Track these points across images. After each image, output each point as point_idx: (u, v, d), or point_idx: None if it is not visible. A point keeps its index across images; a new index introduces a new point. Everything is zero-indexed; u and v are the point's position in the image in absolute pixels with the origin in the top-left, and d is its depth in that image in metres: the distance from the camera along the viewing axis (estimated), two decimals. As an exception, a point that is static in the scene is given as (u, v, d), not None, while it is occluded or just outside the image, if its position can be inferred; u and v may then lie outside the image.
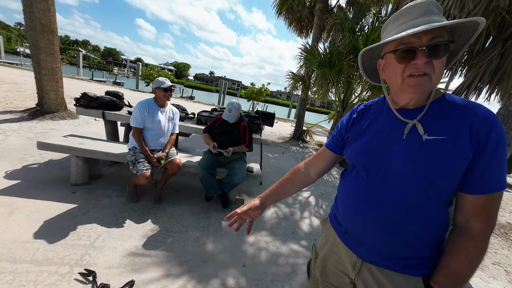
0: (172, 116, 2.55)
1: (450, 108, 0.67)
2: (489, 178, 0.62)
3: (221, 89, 20.61)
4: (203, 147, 4.83)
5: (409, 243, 0.71)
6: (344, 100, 5.70)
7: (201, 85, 69.93)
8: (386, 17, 5.04)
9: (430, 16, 0.62)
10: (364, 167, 0.78)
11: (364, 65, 0.84)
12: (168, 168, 2.39)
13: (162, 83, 2.34)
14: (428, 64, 0.61)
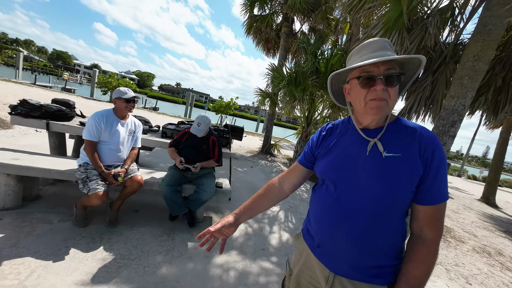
0: (134, 129, 2.35)
1: (403, 129, 0.78)
2: (436, 190, 0.72)
3: (188, 101, 20.08)
4: (168, 162, 4.54)
5: (376, 253, 0.77)
6: (308, 116, 6.10)
7: (166, 96, 67.23)
8: (342, 45, 5.71)
9: (385, 51, 0.75)
10: (333, 181, 0.84)
11: (332, 87, 0.93)
12: (127, 185, 2.15)
13: (123, 93, 2.16)
14: (385, 91, 0.71)
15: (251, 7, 7.23)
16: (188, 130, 2.54)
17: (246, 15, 7.35)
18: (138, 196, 2.74)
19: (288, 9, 6.17)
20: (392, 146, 0.75)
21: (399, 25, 2.61)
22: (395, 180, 0.72)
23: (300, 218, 3.42)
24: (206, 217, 2.77)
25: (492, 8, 2.46)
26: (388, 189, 0.73)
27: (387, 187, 0.73)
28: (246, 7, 7.21)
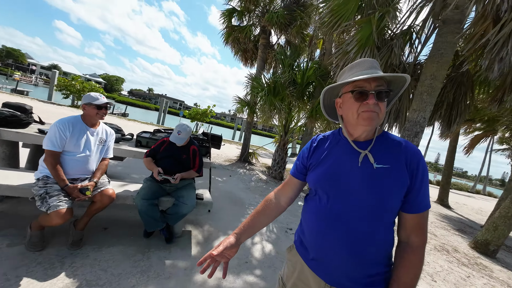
0: (106, 137, 2.14)
1: (389, 142, 0.84)
2: (421, 200, 0.78)
3: (161, 108, 19.23)
4: (141, 173, 4.24)
5: (370, 262, 0.79)
6: (285, 125, 6.27)
7: (137, 102, 63.72)
8: (316, 59, 6.06)
9: (375, 69, 0.81)
10: (325, 191, 0.86)
11: (324, 101, 0.96)
12: (96, 201, 1.93)
13: (94, 98, 1.97)
14: (376, 105, 0.77)
15: (229, 18, 7.34)
16: (166, 139, 2.40)
17: (224, 25, 7.42)
18: (107, 211, 2.48)
19: (266, 22, 6.39)
20: (381, 158, 0.80)
21: (370, 43, 2.88)
22: (387, 190, 0.77)
23: (281, 227, 3.41)
24: (185, 231, 2.61)
25: (444, 35, 2.85)
26: (380, 199, 0.77)
27: (379, 196, 0.77)
28: (225, 17, 7.30)
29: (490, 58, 2.38)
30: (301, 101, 5.71)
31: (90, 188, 1.87)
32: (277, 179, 6.27)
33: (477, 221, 7.40)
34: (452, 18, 2.76)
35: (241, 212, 3.61)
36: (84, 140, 1.96)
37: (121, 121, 11.43)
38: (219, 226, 2.94)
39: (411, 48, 3.59)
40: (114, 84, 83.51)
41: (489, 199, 16.88)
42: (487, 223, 4.40)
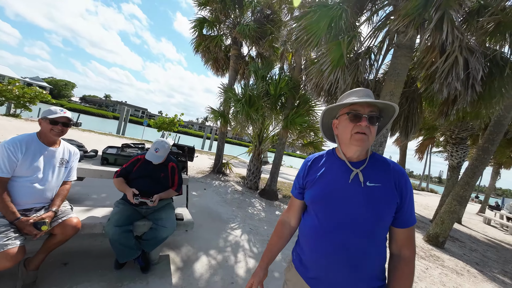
0: (68, 158, 1.86)
1: (379, 163, 0.92)
2: (409, 215, 0.88)
3: (122, 116, 17.61)
4: (105, 192, 3.77)
5: (368, 276, 0.85)
6: (260, 135, 6.35)
7: (91, 109, 57.59)
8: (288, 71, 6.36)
9: (370, 97, 0.91)
10: (321, 209, 0.91)
11: (323, 121, 1.04)
12: (56, 234, 1.64)
13: (50, 112, 1.69)
14: (367, 127, 0.85)
15: (200, 27, 7.25)
16: (141, 156, 2.20)
17: (195, 34, 7.29)
18: (67, 242, 2.12)
19: (237, 34, 6.49)
20: (373, 177, 0.87)
21: (341, 63, 3.16)
22: (381, 205, 0.84)
23: (262, 240, 3.37)
24: (162, 256, 2.38)
25: (398, 58, 3.28)
26: (375, 214, 0.83)
27: (375, 213, 0.83)
28: (195, 27, 7.19)
29: (439, 83, 2.83)
30: (274, 111, 5.88)
31: (47, 221, 1.57)
32: (253, 189, 6.24)
33: (426, 216, 8.46)
34: (405, 44, 3.21)
35: (220, 228, 3.46)
36: (40, 162, 1.66)
37: (73, 131, 10.14)
38: (199, 246, 2.77)
39: (371, 67, 4.04)
40: (62, 90, 74.19)
41: (432, 195, 19.53)
42: (436, 218, 5.05)
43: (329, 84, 3.37)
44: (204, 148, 20.01)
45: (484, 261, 4.69)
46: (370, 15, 3.98)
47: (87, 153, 2.68)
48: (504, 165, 11.25)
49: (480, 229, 8.15)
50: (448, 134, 7.63)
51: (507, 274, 4.22)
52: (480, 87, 2.81)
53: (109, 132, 14.40)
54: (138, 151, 2.98)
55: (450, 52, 2.64)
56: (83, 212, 2.05)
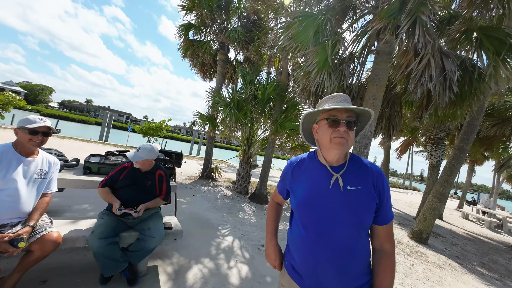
0: (48, 168, 1.76)
1: (358, 166, 0.96)
2: (388, 213, 0.93)
3: (105, 122, 16.94)
4: (87, 202, 3.59)
5: (356, 274, 0.89)
6: (249, 139, 6.35)
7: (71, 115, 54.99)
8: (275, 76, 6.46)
9: (347, 103, 0.95)
10: (306, 215, 0.95)
11: (303, 125, 1.07)
12: (35, 250, 1.54)
13: (29, 121, 1.61)
14: (345, 132, 0.89)
15: (186, 32, 7.21)
16: (127, 164, 2.13)
17: (181, 39, 7.23)
18: (45, 258, 2.00)
19: (226, 39, 6.51)
20: (352, 181, 0.91)
21: (327, 66, 3.28)
22: (362, 208, 0.88)
23: (253, 245, 3.35)
24: (150, 267, 2.30)
25: (379, 63, 3.44)
26: (357, 217, 0.88)
27: (356, 215, 0.88)
28: (181, 31, 7.13)
29: (414, 83, 3.01)
30: (263, 115, 5.92)
31: (25, 237, 1.47)
32: (243, 194, 6.21)
33: (410, 214, 8.81)
34: (384, 50, 3.38)
35: (211, 234, 3.41)
36: (16, 173, 1.56)
37: (51, 139, 9.61)
38: (189, 254, 2.70)
39: (355, 71, 4.21)
40: (39, 94, 70.35)
41: (415, 193, 20.40)
42: (419, 215, 5.28)
43: (315, 86, 3.47)
44: (192, 153, 19.69)
45: (464, 254, 4.95)
46: (352, 23, 4.16)
47: (67, 162, 2.55)
48: (478, 162, 12.02)
49: (459, 224, 8.61)
50: (427, 135, 8.06)
51: (484, 266, 4.47)
52: (457, 88, 3.01)
53: (91, 139, 13.81)
54: (123, 159, 2.88)
55: (423, 55, 2.83)
56: (64, 225, 1.95)
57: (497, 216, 9.68)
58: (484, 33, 2.97)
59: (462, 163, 5.11)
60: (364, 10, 3.88)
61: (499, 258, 5.22)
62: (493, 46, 2.92)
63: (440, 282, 3.34)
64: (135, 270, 2.07)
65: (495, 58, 2.90)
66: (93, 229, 1.81)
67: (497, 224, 9.32)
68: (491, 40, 2.93)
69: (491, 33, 2.95)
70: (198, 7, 6.61)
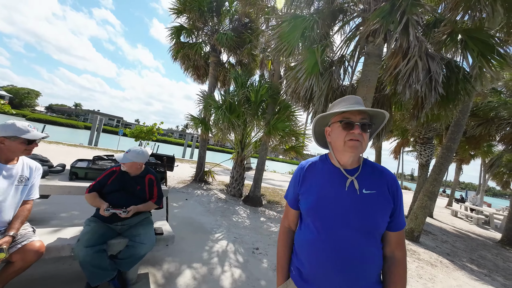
0: (29, 174, 1.68)
1: (371, 169, 0.94)
2: (401, 219, 0.91)
3: (94, 126, 16.51)
4: (74, 209, 3.47)
5: (369, 282, 0.86)
6: (242, 141, 6.33)
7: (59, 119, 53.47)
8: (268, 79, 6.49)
9: (360, 105, 0.93)
10: (318, 219, 0.90)
11: (315, 129, 1.05)
12: (16, 261, 1.46)
13: (23, 131, 1.53)
14: (360, 134, 0.87)
15: (177, 34, 7.16)
16: (116, 168, 2.07)
17: (172, 41, 7.17)
18: (28, 269, 1.90)
19: (216, 42, 6.50)
20: (368, 184, 0.89)
21: (315, 70, 3.30)
22: (378, 213, 0.85)
23: (247, 248, 3.31)
24: (140, 275, 2.22)
25: (369, 65, 3.50)
26: (372, 221, 0.85)
27: (372, 219, 0.85)
28: (173, 34, 7.08)
29: (402, 84, 3.07)
30: (255, 117, 5.92)
31: (5, 248, 1.39)
32: (237, 197, 6.16)
33: (401, 213, 8.96)
34: (374, 52, 3.45)
35: (204, 239, 3.35)
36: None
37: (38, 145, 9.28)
38: (182, 260, 2.64)
39: (345, 74, 4.27)
40: (24, 98, 68.08)
41: (406, 192, 20.78)
42: (410, 214, 5.38)
43: (304, 90, 3.50)
44: (185, 156, 19.45)
45: (454, 251, 5.06)
46: (341, 25, 4.23)
47: (52, 168, 2.45)
48: (465, 161, 12.40)
49: (449, 221, 8.82)
50: (416, 135, 8.25)
51: (474, 262, 4.58)
52: (442, 89, 3.09)
53: (80, 144, 13.44)
54: (111, 163, 2.79)
55: (410, 57, 2.90)
56: (48, 234, 1.86)
57: (484, 212, 9.99)
58: (468, 35, 3.07)
59: (450, 162, 5.25)
60: (354, 13, 3.96)
61: (487, 253, 5.37)
62: (477, 47, 3.02)
63: (432, 279, 3.39)
64: (124, 278, 2.00)
65: (479, 59, 3.01)
66: (79, 237, 1.74)
67: (484, 220, 9.60)
68: (475, 41, 3.03)
69: (475, 35, 3.05)
70: (189, 10, 6.58)
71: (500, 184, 10.14)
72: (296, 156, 6.43)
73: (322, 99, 3.76)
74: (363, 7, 3.51)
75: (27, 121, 1.71)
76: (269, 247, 3.45)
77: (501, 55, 2.97)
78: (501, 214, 9.77)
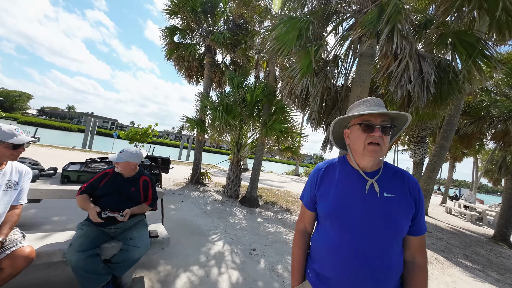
0: (18, 179, 1.63)
1: (392, 173, 0.92)
2: (422, 223, 0.89)
3: (88, 128, 16.25)
4: (67, 213, 3.40)
5: (389, 285, 0.84)
6: (238, 142, 6.31)
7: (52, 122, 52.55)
8: (263, 79, 6.49)
9: (381, 107, 0.90)
10: (340, 222, 0.88)
11: (334, 130, 1.03)
12: (4, 267, 1.41)
13: (9, 135, 1.49)
14: (380, 137, 0.85)
15: (171, 35, 7.11)
16: (109, 170, 2.03)
17: (165, 41, 7.12)
18: (18, 275, 1.84)
19: (211, 42, 6.48)
20: (389, 188, 0.87)
21: (310, 70, 3.32)
22: (400, 216, 0.84)
23: (244, 249, 3.29)
24: (135, 279, 2.19)
25: (362, 65, 3.54)
26: (395, 225, 0.83)
27: (394, 223, 0.83)
28: (166, 35, 7.03)
29: (394, 85, 3.12)
30: (251, 118, 5.91)
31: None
32: (233, 198, 6.13)
33: (397, 211, 9.04)
34: (367, 53, 3.49)
35: (200, 241, 3.31)
36: (-19, 185, 1.44)
37: (29, 149, 9.09)
38: (178, 263, 2.61)
39: (339, 74, 4.31)
40: (15, 101, 66.79)
41: (401, 190, 21.07)
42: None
43: (300, 89, 3.52)
44: (181, 158, 19.31)
45: (449, 248, 5.13)
46: (335, 26, 4.27)
47: (43, 171, 2.40)
48: (457, 159, 12.63)
49: (444, 219, 8.95)
50: (410, 134, 8.37)
51: (468, 258, 4.65)
52: (434, 89, 3.14)
53: (73, 147, 13.22)
54: (105, 166, 2.75)
55: (402, 58, 2.95)
56: (39, 239, 1.81)
57: (477, 209, 10.17)
58: (457, 38, 3.13)
59: (443, 160, 5.34)
60: (347, 14, 3.99)
61: (481, 250, 5.46)
62: (466, 50, 3.09)
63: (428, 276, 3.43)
64: (119, 282, 1.96)
65: (467, 61, 3.07)
66: (71, 242, 1.70)
67: (477, 217, 9.78)
68: (464, 44, 3.10)
69: (463, 38, 3.12)
70: (183, 11, 6.55)
71: (492, 181, 10.35)
72: (292, 156, 6.45)
73: (317, 99, 3.79)
74: (356, 7, 3.55)
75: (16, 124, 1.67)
76: (266, 248, 3.43)
77: (487, 57, 3.06)
78: (493, 210, 9.97)
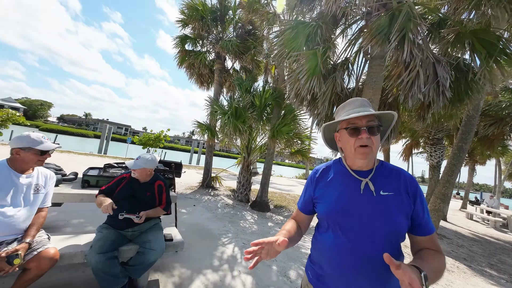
0: (44, 183, 1.74)
1: (388, 171, 0.92)
2: (426, 224, 0.85)
3: (104, 134, 16.95)
4: (87, 217, 3.53)
5: (388, 285, 0.83)
6: (248, 146, 6.35)
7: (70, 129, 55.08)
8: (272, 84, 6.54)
9: (365, 107, 0.91)
10: (338, 223, 0.89)
11: (325, 134, 1.05)
12: (31, 268, 1.49)
13: (37, 142, 1.60)
14: (369, 139, 0.84)
15: (182, 44, 7.34)
16: (126, 175, 2.11)
17: (177, 49, 7.35)
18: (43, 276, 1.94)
19: (220, 49, 6.63)
20: (384, 186, 0.87)
21: (317, 72, 3.32)
22: (398, 215, 0.83)
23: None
24: (151, 281, 2.23)
25: (374, 67, 3.49)
26: (393, 223, 0.82)
27: (391, 222, 0.82)
28: (177, 44, 7.26)
29: (404, 94, 3.04)
30: (260, 122, 5.95)
31: (20, 254, 1.43)
32: (244, 202, 6.14)
33: (413, 216, 8.69)
34: (377, 55, 3.43)
35: (212, 245, 3.34)
36: (10, 190, 1.54)
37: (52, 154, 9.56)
38: (191, 267, 2.64)
39: (349, 76, 4.26)
40: (38, 110, 70.76)
41: (417, 195, 20.26)
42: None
43: (305, 91, 3.51)
44: (192, 162, 19.61)
45: (471, 256, 4.85)
46: (344, 29, 4.25)
47: (65, 176, 2.52)
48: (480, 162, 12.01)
49: (464, 224, 8.50)
50: (426, 136, 8.08)
51: (493, 267, 4.37)
52: (449, 93, 3.03)
53: (90, 152, 13.77)
54: (121, 170, 2.85)
55: (412, 68, 2.86)
56: (62, 241, 1.90)
57: (501, 215, 9.58)
58: (475, 37, 3.01)
59: (462, 162, 5.10)
60: (356, 16, 3.97)
61: (507, 258, 5.13)
62: (485, 49, 2.95)
63: (449, 285, 3.26)
64: (135, 285, 2.02)
65: (487, 60, 2.94)
66: (92, 244, 1.77)
67: (502, 223, 9.20)
68: (483, 43, 2.97)
69: (482, 36, 2.98)
70: (193, 21, 6.76)
71: (517, 185, 9.72)
72: (302, 160, 6.40)
73: (326, 104, 3.75)
74: (365, 9, 3.53)
75: (41, 132, 1.80)
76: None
77: (508, 55, 2.91)
78: (520, 216, 9.34)
